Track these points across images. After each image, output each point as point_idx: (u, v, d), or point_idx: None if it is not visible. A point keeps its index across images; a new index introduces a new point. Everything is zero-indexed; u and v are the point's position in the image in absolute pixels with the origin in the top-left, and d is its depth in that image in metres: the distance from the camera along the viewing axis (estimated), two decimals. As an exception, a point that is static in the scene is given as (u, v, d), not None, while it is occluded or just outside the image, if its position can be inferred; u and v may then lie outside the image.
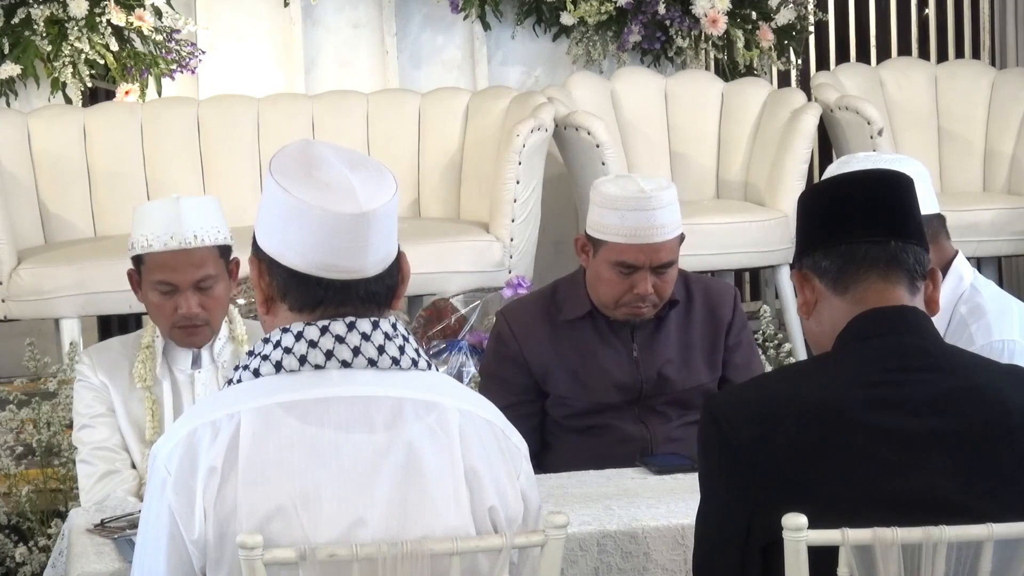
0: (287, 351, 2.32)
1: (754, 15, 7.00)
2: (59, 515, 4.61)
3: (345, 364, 2.32)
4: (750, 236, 6.39)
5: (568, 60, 7.11)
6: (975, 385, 2.43)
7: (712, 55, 7.17)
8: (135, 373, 3.68)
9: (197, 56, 6.65)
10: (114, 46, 6.38)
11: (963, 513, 2.34)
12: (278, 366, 2.32)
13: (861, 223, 2.47)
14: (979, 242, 6.54)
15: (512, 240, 6.15)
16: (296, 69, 6.92)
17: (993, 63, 7.72)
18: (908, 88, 7.16)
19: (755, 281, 7.52)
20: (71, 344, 5.68)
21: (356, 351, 2.32)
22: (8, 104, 6.47)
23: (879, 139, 6.50)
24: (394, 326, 2.36)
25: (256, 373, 2.33)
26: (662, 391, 3.81)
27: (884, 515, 2.33)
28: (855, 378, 2.41)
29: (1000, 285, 4.99)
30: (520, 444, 2.42)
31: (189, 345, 3.68)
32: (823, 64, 7.69)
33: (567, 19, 7.00)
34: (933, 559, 2.32)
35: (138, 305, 4.24)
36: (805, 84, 7.32)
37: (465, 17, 7.03)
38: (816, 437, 2.37)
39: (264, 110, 6.54)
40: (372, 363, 2.32)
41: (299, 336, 2.32)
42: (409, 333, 2.39)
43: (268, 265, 2.36)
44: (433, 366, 2.41)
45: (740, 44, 6.97)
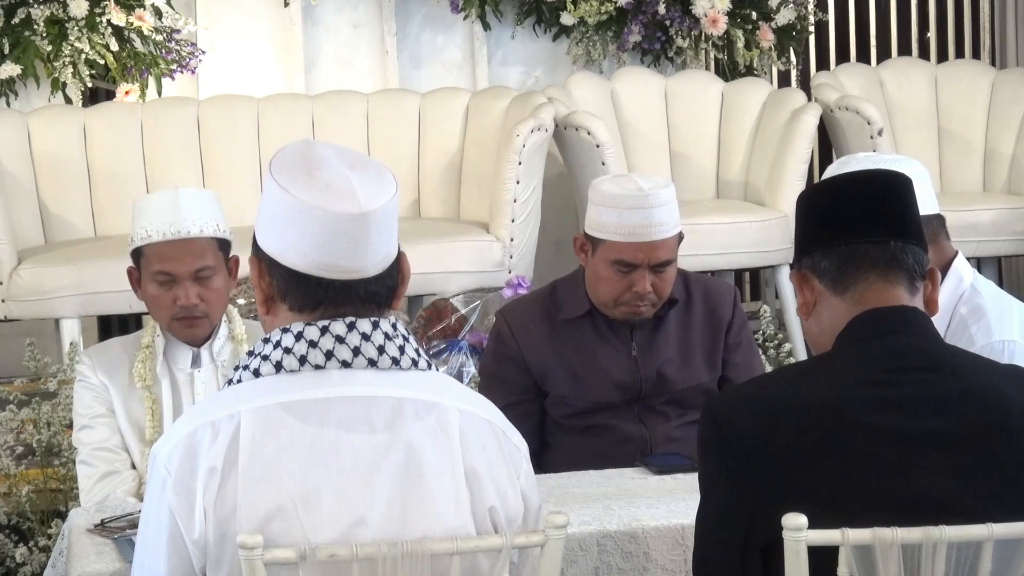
0: (287, 351, 2.32)
1: (754, 15, 7.00)
2: (59, 515, 4.60)
3: (345, 364, 2.32)
4: (750, 236, 6.39)
5: (568, 60, 7.12)
6: (975, 385, 2.43)
7: (712, 55, 7.17)
8: (135, 373, 3.68)
9: (197, 56, 6.65)
10: (114, 46, 6.38)
11: (963, 513, 2.34)
12: (278, 366, 2.32)
13: (860, 223, 2.47)
14: (979, 242, 6.54)
15: (512, 240, 6.15)
16: (296, 69, 6.92)
17: (993, 63, 7.72)
18: (908, 88, 7.16)
19: (755, 281, 7.52)
20: (71, 344, 5.68)
21: (356, 351, 2.32)
22: (8, 104, 6.47)
23: (879, 139, 6.50)
24: (394, 326, 2.36)
25: (256, 373, 2.33)
26: (661, 390, 3.81)
27: (884, 515, 2.33)
28: (855, 378, 2.41)
29: (1000, 285, 4.99)
30: (520, 444, 2.42)
31: (188, 338, 3.67)
32: (823, 64, 7.69)
33: (567, 19, 7.00)
34: (933, 559, 2.32)
35: (138, 305, 4.25)
36: (805, 84, 7.32)
37: (465, 17, 7.03)
38: (816, 437, 2.37)
39: (264, 110, 6.54)
40: (372, 363, 2.32)
41: (299, 336, 2.32)
42: (409, 333, 2.39)
43: (268, 265, 2.36)
44: (433, 366, 2.41)
45: (740, 44, 6.97)
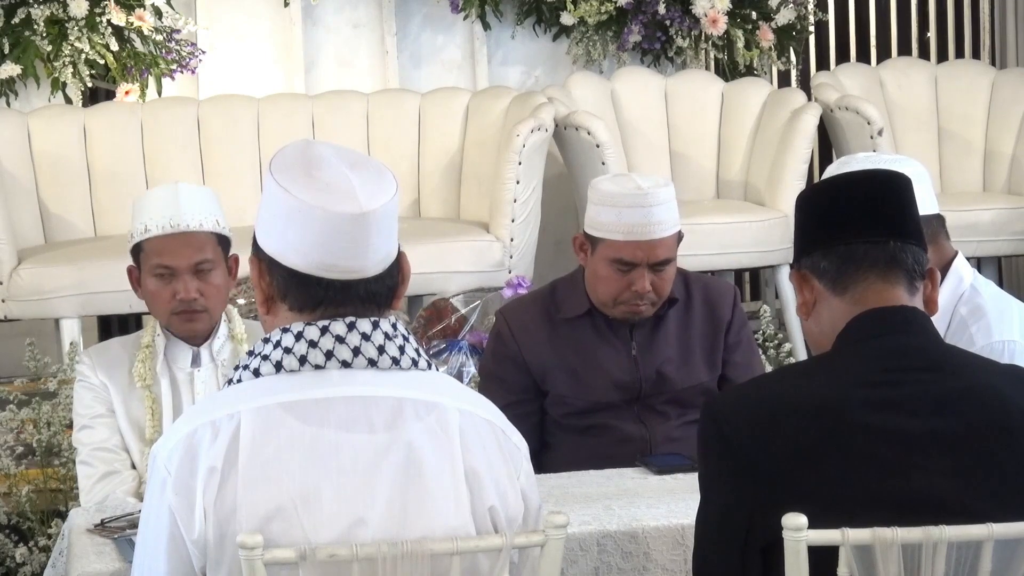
0: (287, 351, 2.32)
1: (754, 15, 7.00)
2: (59, 515, 4.60)
3: (345, 364, 2.32)
4: (750, 236, 6.39)
5: (568, 60, 7.12)
6: (975, 385, 2.43)
7: (712, 55, 7.17)
8: (134, 372, 3.68)
9: (197, 56, 6.65)
10: (114, 46, 6.38)
11: (963, 513, 2.34)
12: (278, 366, 2.32)
13: (860, 223, 2.47)
14: (979, 242, 6.54)
15: (512, 240, 6.15)
16: (296, 69, 6.92)
17: (993, 63, 7.72)
18: (908, 88, 7.16)
19: (755, 281, 7.52)
20: (71, 344, 5.68)
21: (356, 351, 2.32)
22: (8, 104, 6.47)
23: (879, 139, 6.50)
24: (394, 326, 2.36)
25: (256, 373, 2.33)
26: (661, 390, 3.81)
27: (884, 515, 2.33)
28: (855, 378, 2.41)
29: (1000, 285, 5.00)
30: (520, 444, 2.42)
31: (188, 332, 3.67)
32: (823, 64, 7.69)
33: (567, 19, 7.00)
34: (933, 559, 2.32)
35: (138, 305, 4.24)
36: (805, 84, 7.32)
37: (465, 17, 7.03)
38: (816, 437, 2.37)
39: (264, 110, 6.54)
40: (372, 363, 2.32)
41: (299, 336, 2.32)
42: (409, 333, 2.39)
43: (268, 265, 2.36)
44: (433, 366, 2.40)
45: (740, 44, 6.97)
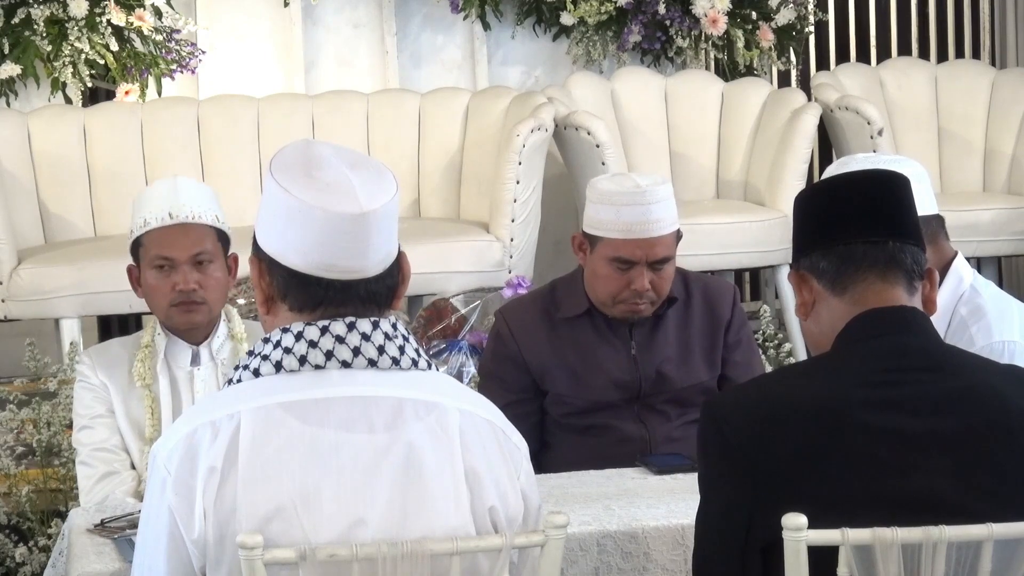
0: (287, 351, 2.32)
1: (754, 15, 7.00)
2: (59, 515, 4.60)
3: (345, 364, 2.32)
4: (750, 236, 6.39)
5: (568, 60, 7.12)
6: (975, 385, 2.43)
7: (712, 55, 7.17)
8: (134, 372, 3.69)
9: (197, 56, 6.65)
10: (114, 46, 6.38)
11: (962, 513, 2.34)
12: (278, 366, 2.32)
13: (859, 223, 2.47)
14: (979, 242, 6.54)
15: (512, 240, 6.15)
16: (296, 69, 6.92)
17: (993, 63, 7.72)
18: (908, 88, 7.16)
19: (755, 281, 7.52)
20: (71, 344, 5.69)
21: (356, 351, 2.32)
22: (8, 104, 6.47)
23: (879, 139, 6.50)
24: (394, 326, 2.36)
25: (256, 373, 2.33)
26: (661, 389, 3.81)
27: (884, 515, 2.33)
28: (855, 378, 2.41)
29: (1000, 285, 5.00)
30: (520, 444, 2.42)
31: (187, 324, 3.67)
32: (823, 64, 7.69)
33: (567, 19, 7.00)
34: (933, 559, 2.32)
35: (138, 305, 4.25)
36: (805, 84, 7.32)
37: (465, 17, 7.03)
38: (816, 437, 2.37)
39: (264, 110, 6.54)
40: (372, 363, 2.32)
41: (299, 336, 2.32)
42: (409, 333, 2.39)
43: (268, 265, 2.36)
44: (433, 366, 2.41)
45: (740, 44, 6.97)
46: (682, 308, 3.85)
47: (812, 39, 7.58)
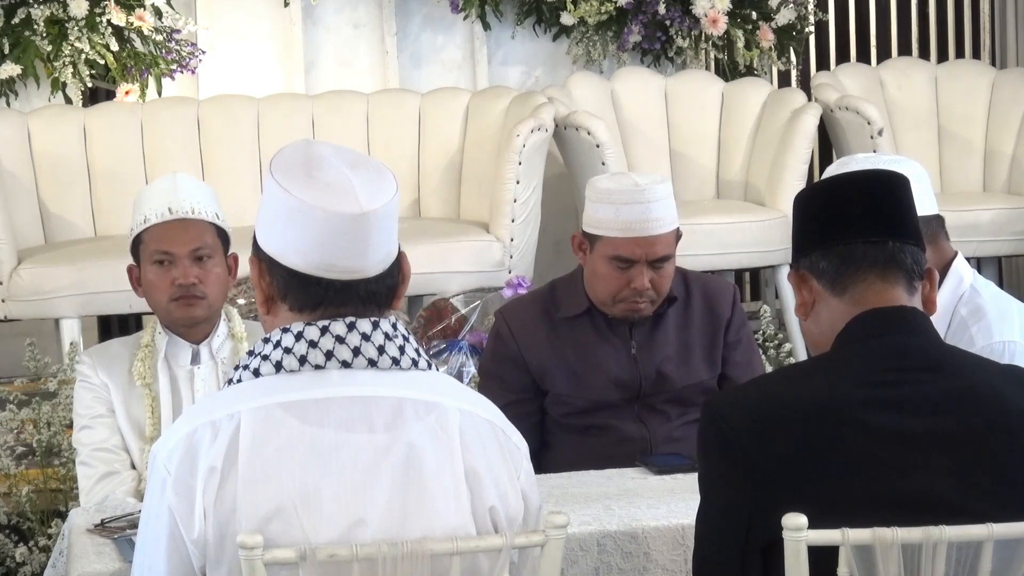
0: (287, 351, 2.32)
1: (754, 15, 7.00)
2: (59, 515, 4.60)
3: (345, 364, 2.32)
4: (750, 236, 6.39)
5: (568, 60, 7.12)
6: (975, 385, 2.43)
7: (712, 55, 7.17)
8: (134, 371, 3.69)
9: (197, 56, 6.65)
10: (114, 46, 6.38)
11: (963, 513, 2.34)
12: (278, 366, 2.32)
13: (858, 224, 2.47)
14: (979, 242, 6.54)
15: (512, 240, 6.15)
16: (296, 69, 6.92)
17: (993, 63, 7.72)
18: (908, 88, 7.16)
19: (755, 281, 7.52)
20: (71, 344, 5.69)
21: (356, 351, 2.32)
22: (8, 104, 6.47)
23: (879, 139, 6.50)
24: (394, 326, 2.36)
25: (256, 373, 2.33)
26: (661, 388, 3.81)
27: (884, 515, 2.33)
28: (855, 378, 2.41)
29: (1000, 285, 5.00)
30: (520, 443, 2.42)
31: (187, 318, 3.66)
32: (823, 64, 7.69)
33: (567, 19, 7.00)
34: (933, 559, 2.32)
35: (138, 305, 4.25)
36: (805, 84, 7.32)
37: (465, 17, 7.03)
38: (816, 437, 2.37)
39: (264, 110, 6.54)
40: (372, 363, 2.32)
41: (299, 336, 2.32)
42: (409, 333, 2.39)
43: (268, 265, 2.36)
44: (433, 366, 2.40)
45: (740, 44, 6.97)
46: (682, 307, 3.85)
47: (812, 39, 7.58)
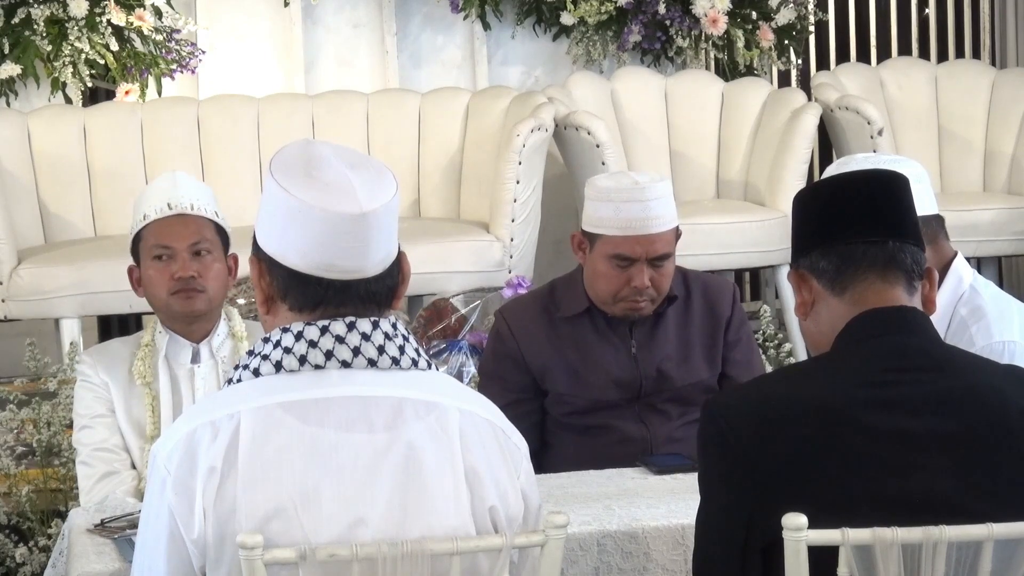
0: (287, 351, 2.32)
1: (754, 15, 7.00)
2: (59, 515, 4.60)
3: (345, 364, 2.32)
4: (750, 236, 6.40)
5: (568, 60, 7.12)
6: (975, 385, 2.43)
7: (712, 55, 7.17)
8: (134, 370, 3.69)
9: (197, 56, 6.65)
10: (114, 46, 6.38)
11: (963, 513, 2.34)
12: (278, 366, 2.32)
13: (858, 223, 2.47)
14: (979, 242, 6.54)
15: (512, 240, 6.15)
16: (296, 69, 6.92)
17: (993, 63, 7.72)
18: (908, 88, 7.16)
19: (755, 281, 7.52)
20: (71, 344, 5.69)
21: (356, 351, 2.32)
22: (8, 104, 6.47)
23: (879, 139, 6.50)
24: (394, 326, 2.36)
25: (256, 373, 2.33)
26: (661, 388, 3.80)
27: (884, 515, 2.33)
28: (855, 378, 2.41)
29: (1000, 285, 5.00)
30: (520, 443, 2.42)
31: (187, 311, 3.66)
32: (823, 64, 7.69)
33: (567, 19, 7.00)
34: (933, 559, 2.32)
35: (138, 305, 4.25)
36: (805, 84, 7.32)
37: (465, 17, 7.03)
38: (816, 437, 2.37)
39: (264, 110, 6.54)
40: (372, 363, 2.32)
41: (299, 336, 2.32)
42: (409, 333, 2.39)
43: (268, 265, 2.36)
44: (433, 366, 2.40)
45: (740, 44, 6.97)
46: (682, 306, 3.85)
47: (812, 39, 7.58)
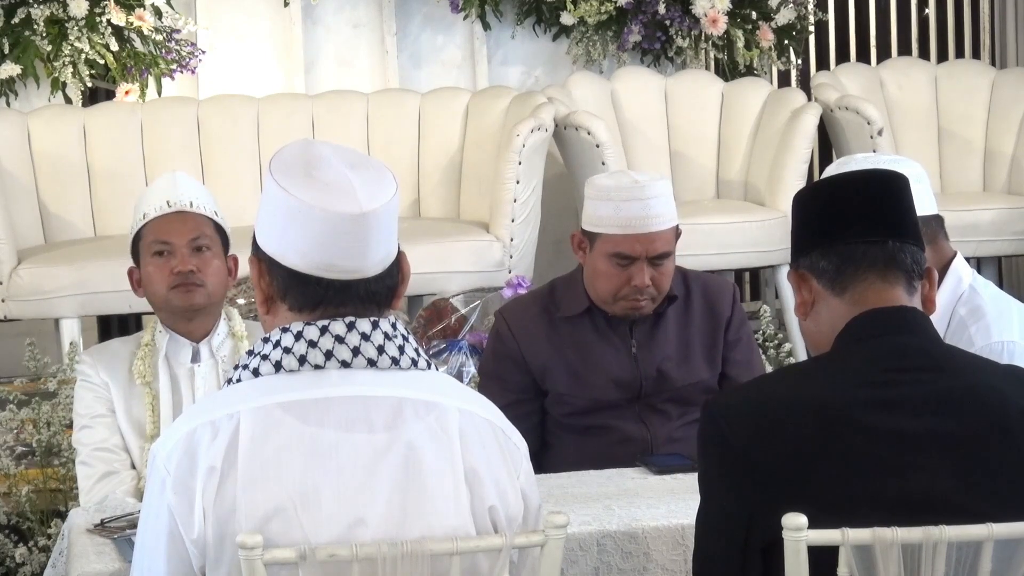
0: (287, 351, 2.32)
1: (754, 15, 7.00)
2: (59, 515, 4.60)
3: (345, 364, 2.32)
4: (750, 236, 6.40)
5: (568, 60, 7.12)
6: (974, 385, 2.43)
7: (712, 55, 7.17)
8: (135, 369, 3.69)
9: (197, 56, 6.65)
10: (114, 46, 6.38)
11: (962, 513, 2.34)
12: (278, 366, 2.32)
13: (858, 223, 2.47)
14: (979, 242, 6.54)
15: (512, 240, 6.15)
16: (296, 69, 6.92)
17: (993, 63, 7.72)
18: (908, 88, 7.16)
19: (755, 281, 7.52)
20: (71, 344, 5.69)
21: (356, 351, 2.32)
22: (8, 104, 6.47)
23: (879, 139, 6.50)
24: (394, 326, 2.36)
25: (256, 373, 2.33)
26: (662, 388, 3.80)
27: (884, 515, 2.33)
28: (855, 378, 2.41)
29: (1000, 285, 5.00)
30: (520, 443, 2.42)
31: (187, 305, 3.66)
32: (823, 64, 7.69)
33: (567, 19, 7.00)
34: (933, 559, 2.32)
35: (138, 304, 4.25)
36: (805, 84, 7.32)
37: (465, 17, 7.03)
38: (816, 437, 2.37)
39: (264, 110, 6.54)
40: (372, 363, 2.32)
41: (299, 336, 2.32)
42: (409, 333, 2.39)
43: (268, 265, 2.36)
44: (433, 366, 2.41)
45: (740, 44, 6.97)
46: (682, 306, 3.85)
47: (812, 39, 7.58)
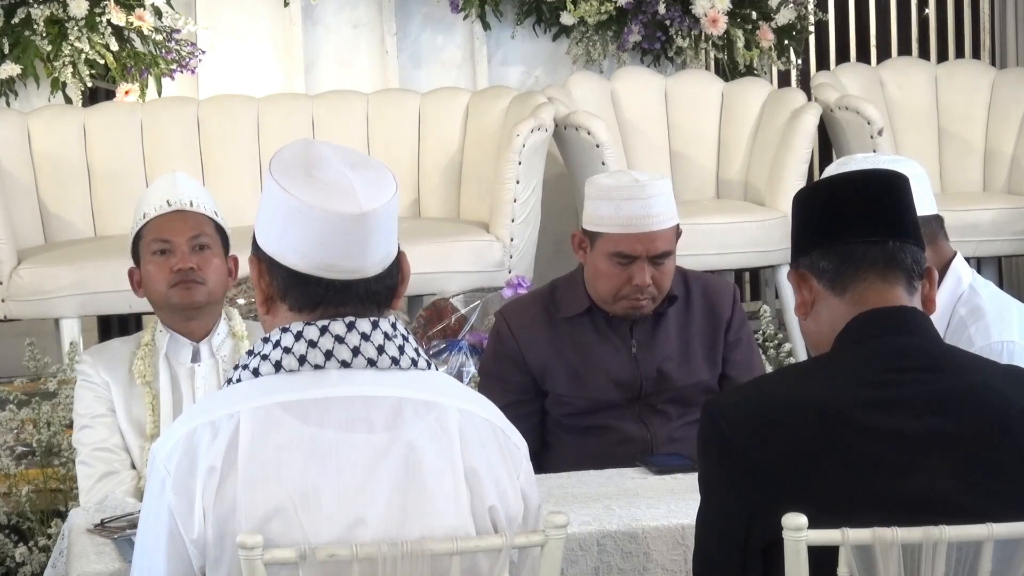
0: (287, 351, 2.32)
1: (754, 15, 7.00)
2: (59, 515, 4.60)
3: (344, 364, 2.32)
4: (750, 236, 6.40)
5: (568, 60, 7.12)
6: (975, 385, 2.43)
7: (712, 55, 7.17)
8: (135, 369, 3.69)
9: (197, 56, 6.65)
10: (114, 46, 6.38)
11: (963, 513, 2.34)
12: (278, 366, 2.32)
13: (859, 223, 2.47)
14: (979, 242, 6.54)
15: (512, 240, 6.15)
16: (296, 69, 6.92)
17: (993, 63, 7.72)
18: (908, 88, 7.16)
19: (755, 281, 7.52)
20: (71, 344, 5.69)
21: (356, 351, 2.32)
22: (8, 104, 6.47)
23: (879, 139, 6.50)
24: (394, 326, 2.36)
25: (256, 373, 2.33)
26: (662, 388, 3.80)
27: (884, 515, 2.33)
28: (855, 378, 2.41)
29: (1000, 285, 5.00)
30: (520, 443, 2.42)
31: (188, 304, 3.66)
32: (823, 64, 7.69)
33: (567, 19, 7.00)
34: (933, 559, 2.32)
35: (138, 305, 4.25)
36: (805, 84, 7.32)
37: (465, 17, 7.03)
38: (816, 437, 2.37)
39: (264, 110, 6.54)
40: (371, 363, 2.32)
41: (299, 336, 2.32)
42: (409, 333, 2.39)
43: (268, 265, 2.36)
44: (433, 366, 2.41)
45: (740, 44, 6.97)
46: (682, 307, 3.85)
47: (812, 39, 7.58)
